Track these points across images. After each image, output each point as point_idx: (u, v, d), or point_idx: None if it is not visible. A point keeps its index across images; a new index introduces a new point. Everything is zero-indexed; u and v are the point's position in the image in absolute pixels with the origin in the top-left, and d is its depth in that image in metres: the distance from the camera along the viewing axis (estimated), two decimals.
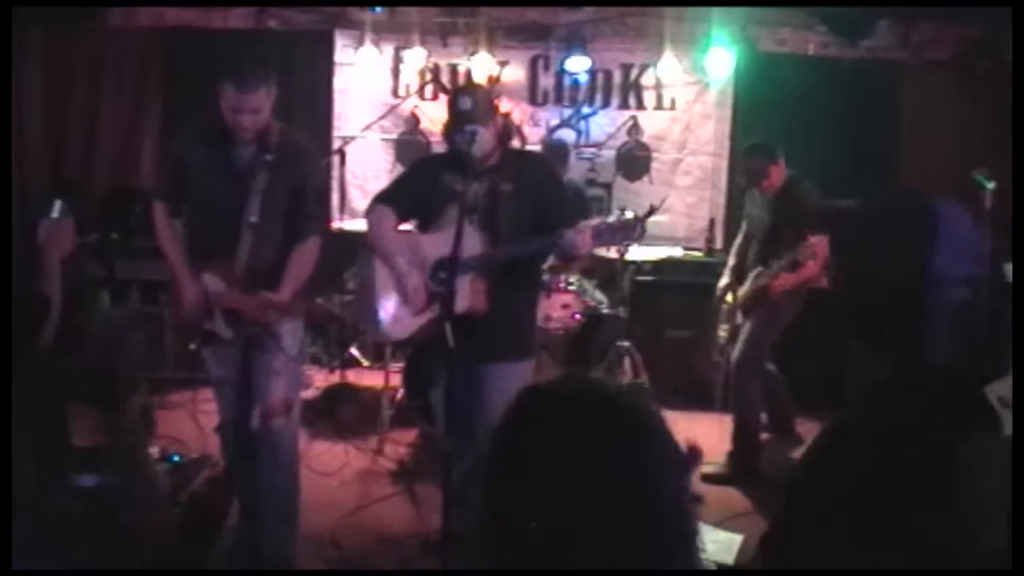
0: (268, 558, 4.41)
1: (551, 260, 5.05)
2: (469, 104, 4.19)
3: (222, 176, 4.23)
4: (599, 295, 6.78)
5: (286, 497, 4.48)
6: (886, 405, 1.69)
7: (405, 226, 4.45)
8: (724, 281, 6.13)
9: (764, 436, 5.99)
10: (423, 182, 4.38)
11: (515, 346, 4.31)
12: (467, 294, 4.07)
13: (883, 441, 1.58)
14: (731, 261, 6.20)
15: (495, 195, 4.22)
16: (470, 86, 7.08)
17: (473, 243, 4.09)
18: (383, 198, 4.42)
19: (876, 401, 1.73)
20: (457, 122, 4.18)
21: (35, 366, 1.42)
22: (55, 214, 3.35)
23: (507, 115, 4.64)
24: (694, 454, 1.54)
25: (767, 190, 5.80)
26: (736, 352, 5.83)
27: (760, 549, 1.68)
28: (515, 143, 4.77)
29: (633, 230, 4.06)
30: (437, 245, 4.11)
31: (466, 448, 4.29)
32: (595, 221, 4.11)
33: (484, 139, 4.15)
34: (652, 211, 4.24)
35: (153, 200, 4.51)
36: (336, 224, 7.38)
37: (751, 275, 5.85)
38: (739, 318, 5.92)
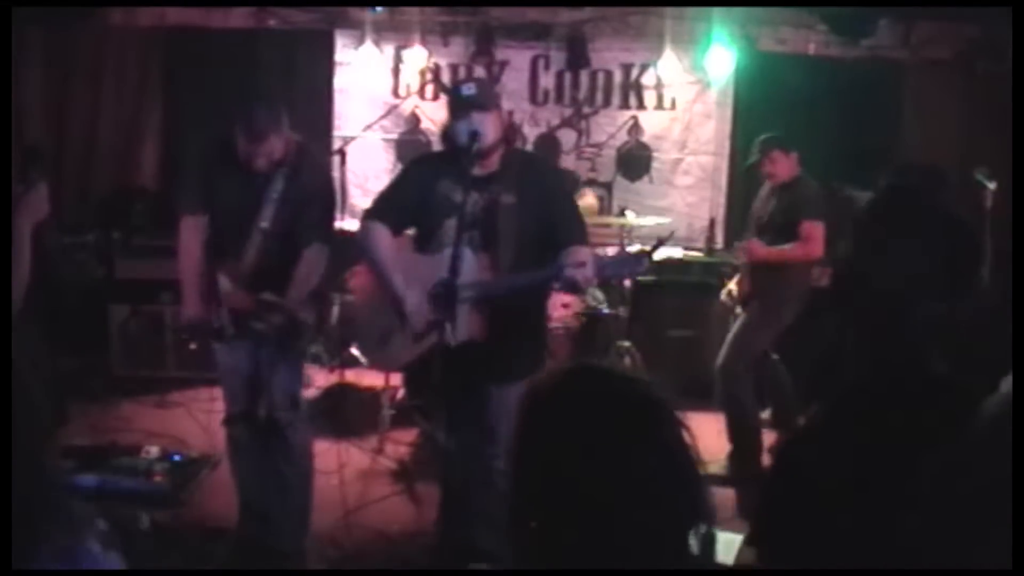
0: (277, 551, 4.48)
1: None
2: (474, 89, 4.00)
3: (240, 183, 4.32)
4: (599, 294, 6.78)
5: (295, 492, 4.56)
6: (870, 406, 1.68)
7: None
8: (728, 287, 6.15)
9: (767, 433, 5.98)
10: (417, 191, 4.13)
11: (521, 367, 3.81)
12: (464, 325, 3.82)
13: (859, 444, 1.58)
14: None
15: (495, 208, 3.97)
16: (472, 77, 7.02)
17: (470, 267, 3.85)
18: (373, 214, 4.21)
19: (861, 401, 1.72)
20: (459, 111, 3.95)
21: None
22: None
23: (509, 113, 4.51)
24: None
25: (771, 179, 5.77)
26: (720, 355, 5.80)
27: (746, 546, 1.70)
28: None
29: (639, 264, 3.85)
30: (434, 266, 3.88)
31: (466, 457, 4.22)
32: (599, 253, 3.95)
33: (488, 128, 3.89)
34: (660, 244, 4.07)
35: (181, 214, 4.54)
36: (336, 224, 7.37)
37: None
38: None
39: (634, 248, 3.97)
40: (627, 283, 6.58)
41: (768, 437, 5.91)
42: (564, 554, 1.49)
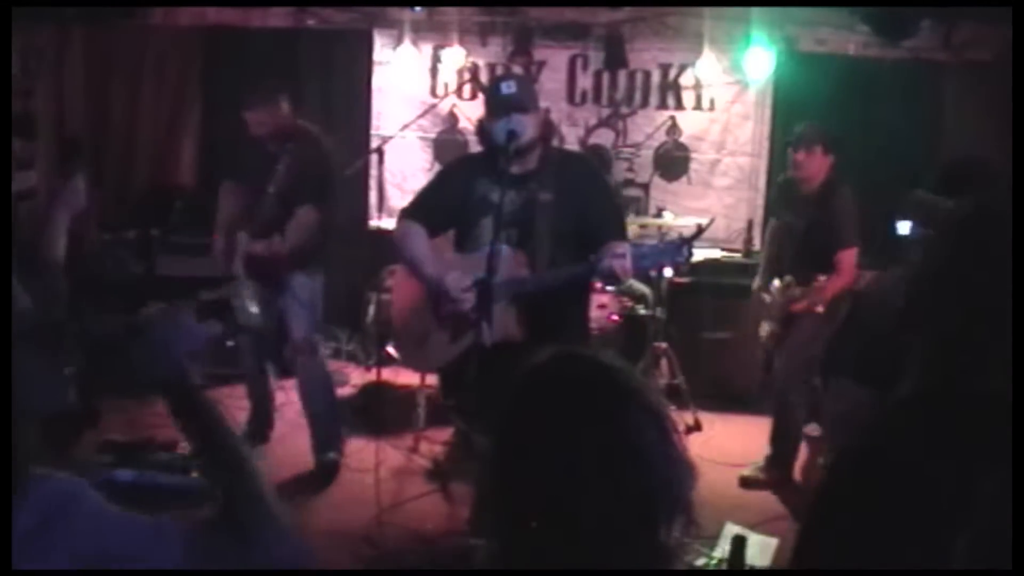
0: (320, 463, 5.54)
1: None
2: (514, 88, 3.93)
3: (259, 158, 5.40)
4: (645, 289, 6.73)
5: (322, 415, 5.61)
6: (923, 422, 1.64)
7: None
8: (758, 281, 6.04)
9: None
10: (454, 191, 4.10)
11: None
12: (500, 324, 3.77)
13: (911, 463, 1.55)
14: (763, 266, 6.08)
15: (532, 206, 3.92)
16: (510, 73, 6.95)
17: (507, 265, 3.81)
18: (410, 213, 4.17)
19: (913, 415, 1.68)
20: (497, 110, 3.89)
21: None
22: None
23: (547, 111, 4.45)
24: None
25: (797, 172, 5.65)
26: (782, 362, 5.71)
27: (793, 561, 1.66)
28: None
29: (679, 253, 3.65)
30: (472, 264, 3.85)
31: None
32: (636, 243, 3.83)
33: (527, 129, 3.84)
34: (700, 232, 3.98)
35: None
36: (373, 223, 7.40)
37: (781, 283, 5.69)
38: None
39: (673, 237, 3.84)
40: (666, 272, 6.44)
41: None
42: (532, 539, 1.50)
